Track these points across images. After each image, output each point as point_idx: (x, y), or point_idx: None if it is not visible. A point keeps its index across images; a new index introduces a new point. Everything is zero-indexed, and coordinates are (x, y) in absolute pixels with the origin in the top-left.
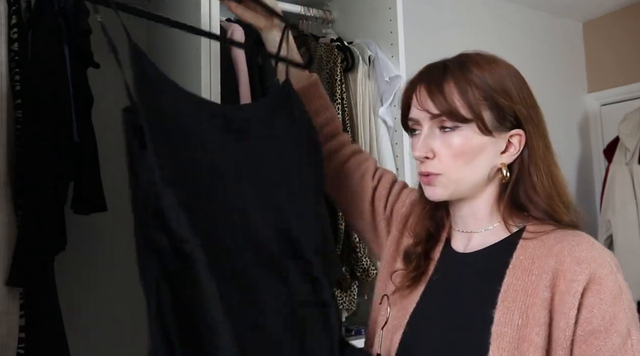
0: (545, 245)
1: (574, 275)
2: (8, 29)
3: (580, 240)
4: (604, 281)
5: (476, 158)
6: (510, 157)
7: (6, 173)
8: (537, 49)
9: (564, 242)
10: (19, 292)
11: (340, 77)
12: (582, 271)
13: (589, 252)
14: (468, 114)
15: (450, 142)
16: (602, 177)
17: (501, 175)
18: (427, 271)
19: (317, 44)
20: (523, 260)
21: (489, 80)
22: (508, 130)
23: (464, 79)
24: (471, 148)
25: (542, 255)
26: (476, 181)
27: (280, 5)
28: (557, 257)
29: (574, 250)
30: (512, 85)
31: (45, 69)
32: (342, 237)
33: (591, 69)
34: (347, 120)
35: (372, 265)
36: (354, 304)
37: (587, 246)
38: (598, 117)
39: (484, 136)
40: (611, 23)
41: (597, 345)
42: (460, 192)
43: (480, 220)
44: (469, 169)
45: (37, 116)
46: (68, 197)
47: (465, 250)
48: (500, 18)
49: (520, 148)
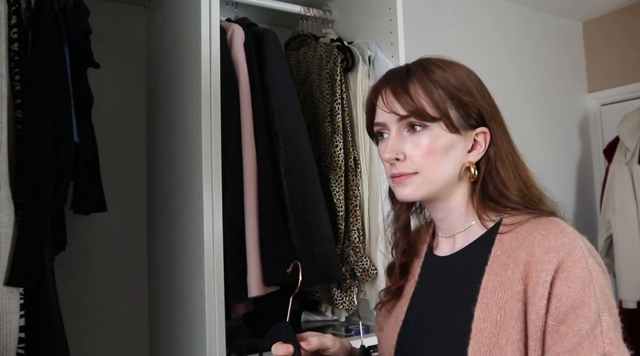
0: (519, 237)
1: (542, 265)
2: (8, 29)
3: (550, 228)
4: (571, 268)
5: (447, 156)
6: (477, 155)
7: (6, 173)
8: (537, 49)
9: (534, 233)
10: (19, 292)
11: (340, 77)
12: (550, 261)
13: (558, 239)
14: (435, 113)
15: (419, 142)
16: (602, 177)
17: (470, 174)
18: (411, 283)
19: (317, 44)
20: (500, 255)
21: (452, 80)
22: (473, 128)
23: (428, 78)
24: (441, 146)
25: (516, 247)
26: (448, 180)
27: (280, 5)
28: (528, 248)
29: (543, 240)
30: (473, 84)
31: (45, 68)
32: (342, 237)
33: (591, 69)
34: (347, 120)
35: (372, 265)
36: (354, 304)
37: (556, 234)
38: (598, 117)
39: (451, 134)
40: (611, 23)
41: (565, 331)
42: (433, 192)
43: (458, 220)
44: (442, 168)
45: (37, 116)
46: (68, 197)
47: (451, 252)
48: (500, 18)
49: (485, 145)
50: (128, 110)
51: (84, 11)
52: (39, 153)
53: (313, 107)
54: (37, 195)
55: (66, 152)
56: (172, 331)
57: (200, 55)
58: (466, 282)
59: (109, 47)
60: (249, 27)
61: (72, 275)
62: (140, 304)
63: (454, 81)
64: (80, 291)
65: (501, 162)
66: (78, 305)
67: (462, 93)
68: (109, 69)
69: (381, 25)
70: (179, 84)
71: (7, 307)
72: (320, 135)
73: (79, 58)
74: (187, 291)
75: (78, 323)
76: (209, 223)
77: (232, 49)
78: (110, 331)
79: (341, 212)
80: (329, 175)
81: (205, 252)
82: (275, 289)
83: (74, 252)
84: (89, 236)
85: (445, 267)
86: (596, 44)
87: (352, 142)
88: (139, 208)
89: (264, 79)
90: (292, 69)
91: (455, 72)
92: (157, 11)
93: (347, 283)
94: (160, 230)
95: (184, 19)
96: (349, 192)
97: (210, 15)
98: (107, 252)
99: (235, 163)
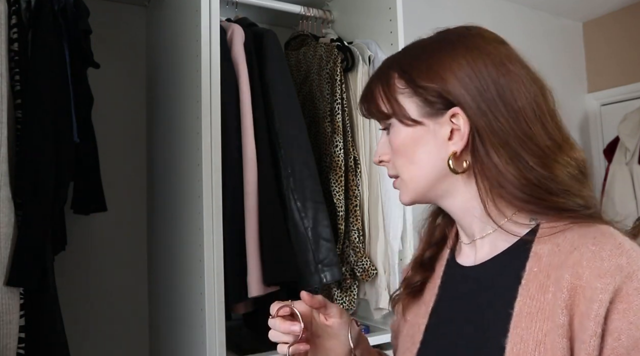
0: (561, 252)
1: (594, 293)
2: (8, 29)
3: (604, 243)
4: (633, 297)
5: (416, 153)
6: (460, 141)
7: (6, 173)
8: (537, 49)
9: (582, 248)
10: (19, 292)
11: (340, 77)
12: (605, 288)
13: (614, 259)
14: (387, 108)
15: (389, 142)
16: (602, 177)
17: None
18: (431, 293)
19: (317, 44)
20: (538, 273)
21: (404, 64)
22: (443, 112)
23: (386, 74)
24: (403, 143)
25: (557, 265)
26: (433, 177)
27: (280, 5)
28: (574, 268)
29: (594, 259)
30: (431, 54)
31: (45, 68)
32: (342, 237)
33: (591, 69)
34: (347, 120)
35: (372, 265)
36: (354, 304)
37: (612, 251)
38: (598, 117)
39: (410, 127)
40: (611, 23)
41: None
42: (421, 193)
43: (474, 223)
44: (414, 167)
45: (37, 116)
46: (68, 197)
47: (474, 263)
48: (500, 18)
49: (466, 129)
50: (128, 110)
51: (84, 11)
52: (39, 153)
53: (313, 107)
54: (37, 195)
55: (66, 152)
56: (172, 331)
57: (200, 55)
58: (495, 305)
59: (109, 47)
60: (249, 27)
61: (72, 275)
62: (140, 304)
63: (406, 63)
64: (80, 291)
65: (492, 147)
66: (78, 305)
67: (415, 74)
68: (109, 69)
69: (381, 25)
70: (179, 84)
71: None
72: (320, 135)
73: (79, 58)
74: (187, 291)
75: (78, 323)
76: (209, 223)
77: (232, 49)
78: (110, 331)
79: (341, 212)
80: (329, 175)
81: (205, 252)
82: (275, 289)
83: (74, 252)
84: (89, 236)
85: (469, 280)
86: (596, 44)
87: (352, 142)
88: (139, 208)
89: (264, 79)
90: (292, 69)
91: (410, 51)
92: (157, 11)
93: (347, 283)
94: (160, 230)
95: (184, 19)
96: (349, 192)
97: (210, 15)
98: (107, 252)
99: (235, 163)
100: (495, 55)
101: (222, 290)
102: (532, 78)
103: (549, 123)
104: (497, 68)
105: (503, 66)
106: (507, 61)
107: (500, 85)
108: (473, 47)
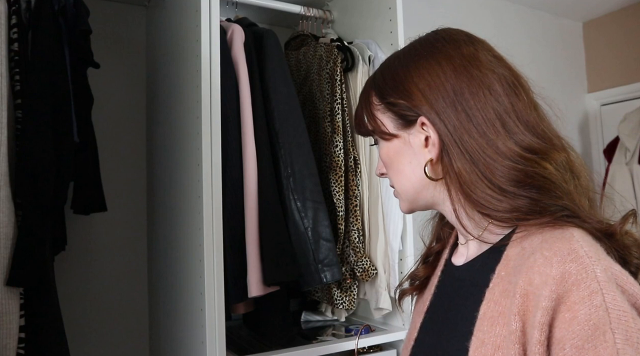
0: (524, 255)
1: (539, 300)
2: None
3: (558, 248)
4: (578, 306)
5: (399, 164)
6: (434, 149)
7: (6, 173)
8: (537, 49)
9: (537, 253)
10: (19, 292)
11: (340, 77)
12: (549, 296)
13: (563, 265)
14: (370, 125)
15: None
16: (602, 177)
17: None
18: (429, 291)
19: (317, 44)
20: (505, 277)
21: (378, 80)
22: (414, 122)
23: (367, 92)
24: (388, 156)
25: (518, 270)
26: (415, 187)
27: (280, 5)
28: (527, 274)
29: (544, 265)
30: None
31: (45, 69)
32: (342, 237)
33: (591, 69)
34: (347, 120)
35: (372, 265)
36: (354, 304)
37: (563, 257)
38: (598, 117)
39: (390, 141)
40: (611, 23)
41: None
42: (412, 201)
43: (461, 227)
44: (401, 177)
45: (37, 116)
46: (68, 197)
47: (464, 263)
48: (500, 18)
49: (435, 136)
50: (128, 110)
51: (84, 11)
52: (39, 153)
53: (313, 107)
54: (37, 195)
55: (66, 152)
56: (172, 331)
57: (200, 55)
58: (467, 307)
59: (109, 47)
60: (249, 27)
61: (72, 275)
62: (140, 304)
63: (379, 79)
64: (80, 291)
65: (456, 153)
66: (78, 305)
67: (387, 91)
68: (109, 69)
69: (381, 25)
70: (179, 84)
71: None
72: (320, 135)
73: (79, 58)
74: (187, 292)
75: (78, 323)
76: (209, 223)
77: (232, 49)
78: (110, 331)
79: (341, 212)
80: (329, 175)
81: (205, 252)
82: (275, 289)
83: (74, 252)
84: (89, 236)
85: (457, 279)
86: (596, 44)
87: (352, 142)
88: (139, 208)
89: (264, 79)
90: (292, 69)
91: (383, 66)
92: (157, 11)
93: (347, 283)
94: (160, 230)
95: (184, 19)
96: (349, 192)
97: (210, 15)
98: (107, 252)
99: (235, 164)
100: (456, 58)
101: (222, 290)
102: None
103: (519, 127)
104: (457, 73)
105: (464, 70)
106: (470, 63)
107: (460, 91)
108: (436, 53)
